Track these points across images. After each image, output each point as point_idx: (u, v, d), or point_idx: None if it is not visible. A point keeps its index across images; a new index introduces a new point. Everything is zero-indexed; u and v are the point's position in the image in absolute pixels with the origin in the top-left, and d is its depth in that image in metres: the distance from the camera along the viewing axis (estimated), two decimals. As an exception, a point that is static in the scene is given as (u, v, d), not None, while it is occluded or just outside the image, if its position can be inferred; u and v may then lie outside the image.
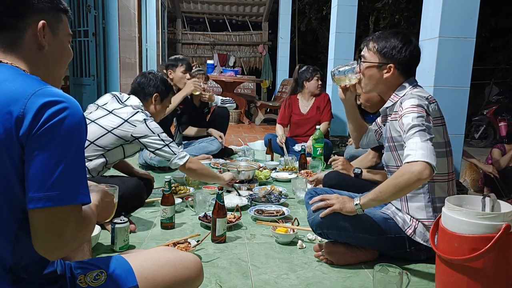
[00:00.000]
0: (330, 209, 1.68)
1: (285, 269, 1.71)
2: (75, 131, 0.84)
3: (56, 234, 0.81)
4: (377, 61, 1.73)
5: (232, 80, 7.63)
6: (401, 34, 1.75)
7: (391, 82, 1.75)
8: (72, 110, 0.84)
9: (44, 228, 0.81)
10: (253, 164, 3.12)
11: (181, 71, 3.57)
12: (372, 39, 1.77)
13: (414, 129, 1.52)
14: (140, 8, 6.52)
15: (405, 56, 1.70)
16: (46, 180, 0.80)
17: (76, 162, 0.84)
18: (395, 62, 1.71)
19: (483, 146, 7.20)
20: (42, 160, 0.80)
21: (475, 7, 2.55)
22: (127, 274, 1.01)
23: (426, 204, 1.70)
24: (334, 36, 4.80)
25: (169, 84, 2.46)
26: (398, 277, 1.41)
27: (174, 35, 10.35)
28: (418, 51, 1.74)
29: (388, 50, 1.71)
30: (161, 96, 2.37)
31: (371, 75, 1.76)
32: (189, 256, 1.15)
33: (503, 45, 10.11)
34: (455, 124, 2.65)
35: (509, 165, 3.83)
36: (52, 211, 0.80)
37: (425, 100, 1.63)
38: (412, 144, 1.49)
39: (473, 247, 1.29)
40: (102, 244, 1.88)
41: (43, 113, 0.80)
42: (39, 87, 0.84)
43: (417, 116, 1.55)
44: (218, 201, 1.92)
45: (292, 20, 8.85)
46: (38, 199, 0.79)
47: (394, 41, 1.71)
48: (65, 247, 0.84)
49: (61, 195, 0.80)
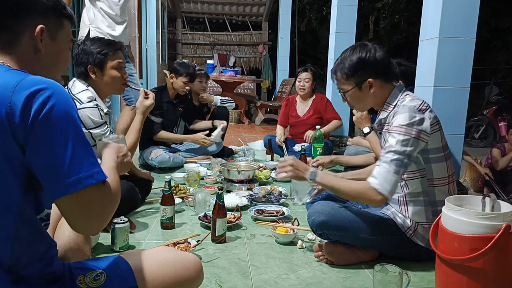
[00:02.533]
0: (284, 176, 1.68)
1: (285, 269, 1.71)
2: (68, 114, 0.84)
3: (85, 215, 0.86)
4: (353, 85, 1.71)
5: (232, 80, 7.63)
6: (357, 47, 1.71)
7: (379, 94, 1.72)
8: (57, 94, 0.84)
9: (73, 213, 0.86)
10: (253, 164, 3.12)
11: (183, 81, 3.52)
12: (336, 69, 1.74)
13: (393, 155, 1.55)
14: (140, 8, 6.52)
15: (373, 64, 1.67)
16: (59, 170, 0.82)
17: (80, 143, 0.85)
18: (370, 75, 1.68)
19: (483, 146, 7.20)
20: (48, 152, 0.81)
21: (475, 7, 2.54)
22: (127, 274, 1.00)
23: (426, 208, 1.70)
24: (334, 36, 4.79)
25: (96, 45, 2.04)
26: (398, 277, 1.41)
27: (174, 35, 10.35)
28: (380, 51, 1.69)
29: (356, 69, 1.68)
30: (98, 65, 2.03)
31: (357, 97, 1.74)
32: (189, 256, 1.15)
33: (503, 45, 10.10)
34: (455, 124, 2.65)
35: (509, 165, 3.83)
36: (75, 196, 0.83)
37: (417, 113, 1.58)
38: (383, 168, 1.55)
39: (473, 247, 1.29)
40: (102, 244, 1.88)
41: (30, 106, 0.80)
42: (20, 78, 0.83)
43: (402, 140, 1.55)
44: (218, 201, 1.92)
45: (292, 20, 8.84)
46: (58, 190, 0.83)
47: (355, 58, 1.68)
48: (99, 223, 0.89)
49: (77, 180, 0.83)
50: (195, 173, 2.91)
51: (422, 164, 1.66)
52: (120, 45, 2.12)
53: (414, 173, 1.68)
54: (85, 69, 2.04)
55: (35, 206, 0.90)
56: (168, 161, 3.37)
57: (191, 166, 3.33)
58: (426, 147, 1.62)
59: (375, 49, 1.69)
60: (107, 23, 3.13)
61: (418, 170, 1.67)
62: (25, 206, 0.86)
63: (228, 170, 2.87)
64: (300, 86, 3.94)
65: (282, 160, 1.72)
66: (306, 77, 3.91)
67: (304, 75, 3.93)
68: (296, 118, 4.11)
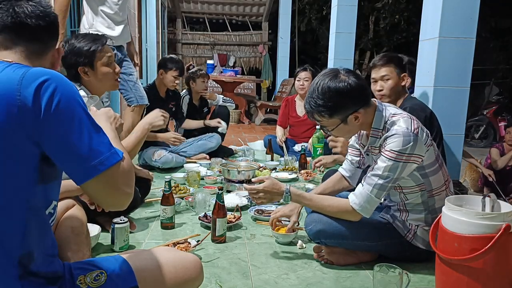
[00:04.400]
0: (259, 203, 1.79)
1: (285, 269, 1.71)
2: (75, 101, 0.88)
3: (114, 191, 0.91)
4: (339, 121, 1.60)
5: (232, 80, 7.62)
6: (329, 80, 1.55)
7: (365, 120, 1.63)
8: (61, 84, 0.87)
9: (102, 193, 0.91)
10: (253, 164, 3.12)
11: (173, 75, 3.49)
12: (313, 112, 1.60)
13: (378, 179, 1.56)
14: (140, 8, 6.51)
15: (354, 97, 1.56)
16: (81, 157, 0.86)
17: (93, 127, 0.90)
18: (352, 108, 1.57)
19: (483, 146, 7.19)
20: (66, 143, 0.85)
21: (475, 7, 2.54)
22: (127, 274, 1.01)
23: (426, 216, 1.70)
24: (334, 36, 4.79)
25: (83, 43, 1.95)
26: (398, 277, 1.41)
27: (174, 35, 10.34)
28: (353, 79, 1.56)
29: (337, 108, 1.57)
30: (88, 64, 1.94)
31: (343, 130, 1.64)
32: (189, 256, 1.15)
33: (503, 45, 10.10)
34: (455, 124, 2.64)
35: (509, 165, 3.82)
36: (100, 178, 0.88)
37: (412, 136, 1.52)
38: (366, 190, 1.59)
39: (473, 247, 1.29)
40: (102, 244, 1.88)
41: (39, 99, 0.83)
42: (23, 70, 0.86)
43: (391, 166, 1.53)
44: (218, 201, 1.92)
45: (292, 20, 8.84)
46: (83, 175, 0.88)
47: (331, 94, 1.54)
48: (128, 195, 0.95)
49: (99, 162, 0.88)
50: (195, 173, 2.91)
51: (421, 179, 1.64)
52: (105, 39, 2.03)
53: (413, 188, 1.66)
54: (75, 71, 1.94)
55: (43, 198, 0.92)
56: (172, 161, 3.39)
57: (191, 166, 3.34)
58: (422, 164, 1.60)
59: (348, 78, 1.56)
60: (107, 24, 3.12)
61: (417, 185, 1.65)
62: (35, 198, 0.88)
63: (228, 170, 2.87)
64: (299, 86, 3.94)
65: (249, 188, 1.76)
66: (306, 76, 3.91)
67: (304, 74, 3.93)
68: (296, 118, 4.11)
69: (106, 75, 1.98)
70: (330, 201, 1.72)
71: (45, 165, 0.87)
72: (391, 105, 1.71)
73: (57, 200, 0.99)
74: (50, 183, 0.92)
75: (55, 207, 0.98)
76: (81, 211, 1.61)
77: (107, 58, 1.97)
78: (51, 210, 0.95)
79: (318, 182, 3.10)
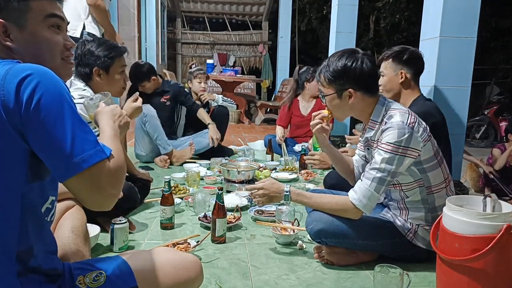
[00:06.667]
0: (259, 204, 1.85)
1: (285, 270, 1.71)
2: (59, 97, 0.85)
3: (97, 190, 0.88)
4: (333, 91, 1.67)
5: (232, 80, 7.62)
6: (346, 54, 1.65)
7: (359, 105, 1.67)
8: (44, 80, 0.84)
9: (84, 192, 0.88)
10: (253, 164, 3.11)
11: (152, 83, 3.71)
12: (321, 71, 1.70)
13: (376, 172, 1.57)
14: (139, 8, 6.51)
15: (357, 76, 1.62)
16: (63, 153, 0.84)
17: (78, 123, 0.86)
18: (351, 85, 1.63)
19: (484, 146, 7.19)
20: (48, 139, 0.83)
21: (476, 7, 2.54)
22: (126, 275, 1.00)
23: (426, 214, 1.69)
24: (334, 36, 4.79)
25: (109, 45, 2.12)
26: (399, 277, 1.41)
27: (173, 34, 10.35)
28: (367, 63, 1.63)
29: (338, 76, 1.63)
30: (104, 68, 2.07)
31: (336, 105, 1.70)
32: (188, 257, 1.15)
33: (503, 45, 10.10)
34: (456, 124, 2.64)
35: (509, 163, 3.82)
36: (82, 175, 0.85)
37: (407, 129, 1.54)
38: (365, 184, 1.60)
39: (474, 247, 1.29)
40: (101, 244, 1.87)
41: (21, 95, 0.81)
42: (9, 66, 0.84)
43: (388, 158, 1.55)
44: (218, 202, 1.92)
45: (292, 19, 8.84)
46: (65, 172, 0.85)
47: (340, 65, 1.63)
48: (112, 196, 0.91)
49: (82, 159, 0.85)
50: (195, 173, 2.90)
51: (418, 175, 1.64)
52: (124, 49, 2.18)
53: (411, 184, 1.66)
54: (90, 70, 2.06)
55: (40, 194, 0.91)
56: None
57: (191, 166, 3.33)
58: (419, 159, 1.60)
59: (362, 59, 1.62)
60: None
61: (415, 181, 1.65)
62: (30, 194, 0.87)
63: (228, 170, 2.86)
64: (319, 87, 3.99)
65: (249, 188, 1.81)
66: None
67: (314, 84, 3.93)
68: (300, 118, 4.11)
69: (117, 81, 2.12)
70: (330, 198, 1.75)
71: (37, 161, 0.86)
72: (395, 102, 1.73)
73: (55, 195, 0.97)
74: (46, 179, 0.91)
75: (53, 202, 0.97)
76: (81, 212, 1.61)
77: (121, 68, 2.12)
78: (48, 206, 0.94)
79: (318, 182, 3.10)
